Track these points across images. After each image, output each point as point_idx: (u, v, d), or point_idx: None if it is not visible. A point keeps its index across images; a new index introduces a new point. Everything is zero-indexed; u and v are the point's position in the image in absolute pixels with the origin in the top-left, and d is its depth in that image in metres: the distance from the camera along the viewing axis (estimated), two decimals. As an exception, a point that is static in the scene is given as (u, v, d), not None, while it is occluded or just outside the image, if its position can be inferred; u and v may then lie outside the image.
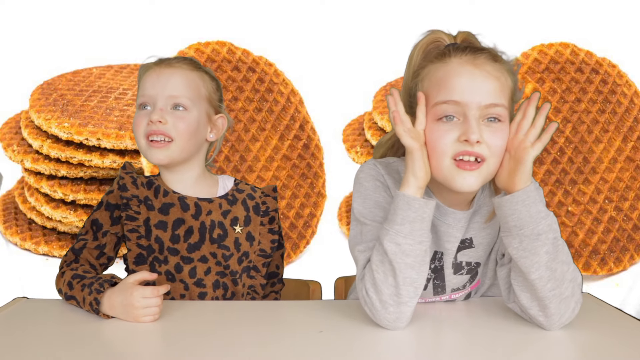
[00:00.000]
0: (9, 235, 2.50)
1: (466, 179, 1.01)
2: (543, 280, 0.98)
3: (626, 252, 2.46)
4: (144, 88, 1.23)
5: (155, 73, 1.23)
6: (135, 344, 0.98)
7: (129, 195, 1.22)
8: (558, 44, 2.53)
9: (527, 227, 0.97)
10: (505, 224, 1.00)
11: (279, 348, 0.95)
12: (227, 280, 1.24)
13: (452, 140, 1.00)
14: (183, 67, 1.24)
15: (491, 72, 1.02)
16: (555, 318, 1.00)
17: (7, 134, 2.57)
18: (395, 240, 0.98)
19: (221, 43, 2.47)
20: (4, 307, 1.15)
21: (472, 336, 1.02)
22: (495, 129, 1.01)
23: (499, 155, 1.02)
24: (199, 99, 1.24)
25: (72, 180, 2.41)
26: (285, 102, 2.49)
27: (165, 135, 1.20)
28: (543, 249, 0.97)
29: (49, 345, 0.97)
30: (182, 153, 1.22)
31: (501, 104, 1.01)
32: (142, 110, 1.22)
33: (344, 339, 0.99)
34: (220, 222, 1.24)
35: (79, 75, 2.68)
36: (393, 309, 1.00)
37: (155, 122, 1.19)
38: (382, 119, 2.63)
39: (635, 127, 2.54)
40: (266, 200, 1.30)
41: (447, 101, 1.01)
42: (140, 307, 1.06)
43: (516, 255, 0.99)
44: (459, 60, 1.03)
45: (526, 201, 0.97)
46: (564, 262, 0.99)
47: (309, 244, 2.50)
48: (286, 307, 1.21)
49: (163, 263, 1.22)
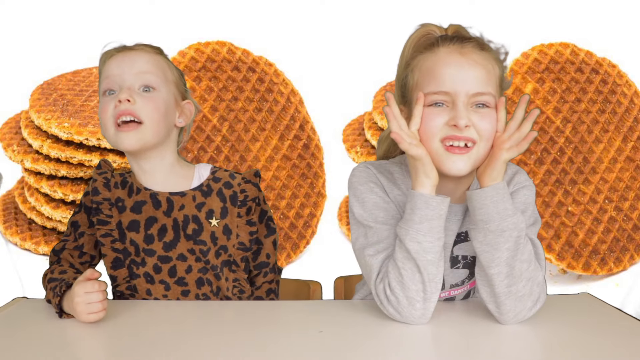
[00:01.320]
0: (9, 235, 2.50)
1: (455, 163, 1.03)
2: (501, 276, 1.01)
3: (626, 252, 2.46)
4: (108, 70, 1.17)
5: (120, 55, 1.18)
6: (135, 344, 0.98)
7: (99, 199, 1.19)
8: (558, 44, 2.53)
9: (493, 223, 1.00)
10: (473, 217, 1.03)
11: (279, 348, 0.95)
12: (210, 276, 1.20)
13: (441, 123, 1.03)
14: (147, 49, 1.20)
15: (478, 60, 1.05)
16: (510, 315, 1.03)
17: (7, 134, 2.57)
18: (417, 239, 1.01)
19: (221, 43, 2.47)
20: (4, 307, 1.15)
21: (471, 336, 1.02)
22: (483, 114, 1.04)
23: (489, 138, 1.04)
24: (166, 81, 1.19)
25: (72, 180, 2.41)
26: (285, 102, 2.49)
27: (134, 116, 1.13)
28: (505, 246, 1.00)
29: (49, 345, 0.97)
30: (154, 137, 1.15)
31: (488, 92, 1.04)
32: (108, 96, 1.16)
33: (344, 339, 0.99)
34: (195, 215, 1.19)
35: (79, 75, 2.68)
36: (420, 305, 1.02)
37: (124, 100, 1.12)
38: (382, 119, 2.63)
39: (635, 127, 2.54)
40: (245, 187, 1.22)
41: (437, 92, 1.04)
42: (82, 302, 1.02)
43: (479, 249, 1.02)
44: (446, 49, 1.06)
45: (494, 197, 1.01)
46: (523, 260, 1.02)
47: (309, 244, 2.50)
48: (286, 307, 1.21)
49: (141, 265, 1.19)
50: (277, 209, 2.41)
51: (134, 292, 1.20)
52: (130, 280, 1.20)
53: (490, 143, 1.05)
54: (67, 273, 1.15)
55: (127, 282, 1.20)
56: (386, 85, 2.82)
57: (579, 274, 2.44)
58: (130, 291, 1.20)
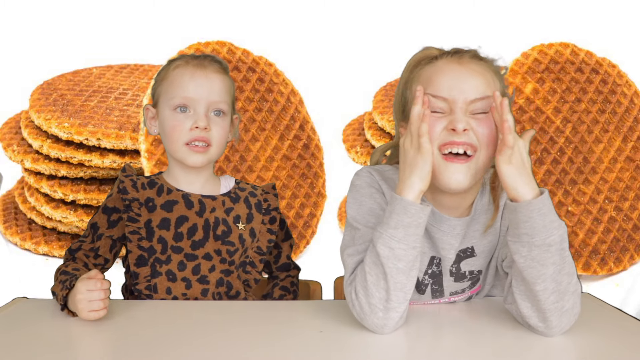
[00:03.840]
0: (9, 235, 2.50)
1: (454, 175, 1.01)
2: (547, 292, 0.96)
3: (626, 252, 2.46)
4: (183, 89, 1.22)
5: (197, 75, 1.23)
6: (135, 344, 0.98)
7: (129, 197, 1.23)
8: (558, 44, 2.52)
9: (539, 236, 0.94)
10: (515, 230, 0.97)
11: (279, 348, 0.95)
12: (230, 278, 1.25)
13: (440, 129, 1.02)
14: (220, 71, 1.26)
15: (476, 69, 1.04)
16: (557, 330, 0.99)
17: (7, 134, 2.57)
18: (389, 244, 0.97)
19: (221, 43, 2.47)
20: (4, 307, 1.15)
21: (472, 336, 1.02)
22: (481, 120, 1.02)
23: (488, 144, 1.02)
24: (231, 104, 1.27)
25: (72, 180, 2.41)
26: (285, 102, 2.49)
27: (207, 142, 1.22)
28: (551, 260, 0.95)
29: (49, 345, 0.97)
30: (217, 156, 1.26)
31: (487, 96, 1.03)
32: (182, 113, 1.22)
33: (344, 339, 0.99)
34: (224, 219, 1.26)
35: (79, 75, 2.68)
36: (382, 313, 0.99)
37: (202, 129, 1.21)
38: (382, 119, 2.63)
39: (635, 127, 2.54)
40: (267, 197, 1.32)
41: (435, 96, 1.03)
42: (84, 299, 1.04)
43: (523, 264, 0.96)
44: (445, 60, 1.06)
45: (542, 209, 0.94)
46: (568, 273, 0.97)
47: (309, 244, 2.50)
48: (286, 307, 1.21)
49: (164, 263, 1.22)
50: (277, 209, 2.41)
51: (152, 292, 1.22)
52: (151, 279, 1.22)
53: (490, 151, 1.02)
54: (79, 271, 1.17)
55: (148, 281, 1.22)
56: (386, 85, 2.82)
57: (579, 274, 2.44)
58: (148, 291, 1.22)
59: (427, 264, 1.12)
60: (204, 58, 1.27)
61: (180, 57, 1.27)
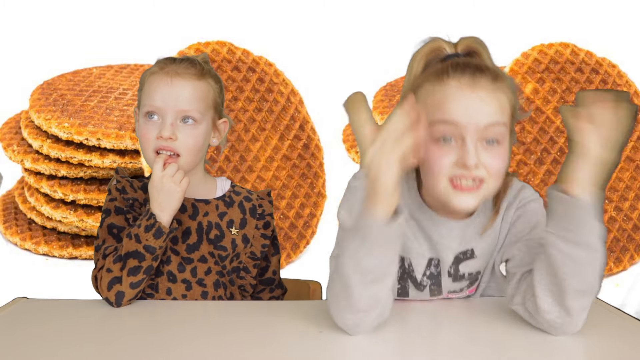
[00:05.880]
0: (9, 235, 2.50)
1: (463, 200, 0.99)
2: (579, 293, 0.96)
3: (626, 252, 2.46)
4: (151, 97, 1.21)
5: (164, 82, 1.20)
6: (135, 344, 0.98)
7: (130, 197, 1.23)
8: (558, 44, 2.52)
9: (582, 235, 0.92)
10: (557, 222, 0.94)
11: (279, 348, 0.95)
12: (225, 280, 1.25)
13: (450, 162, 0.98)
14: (192, 77, 1.21)
15: (490, 93, 0.99)
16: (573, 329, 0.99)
17: (7, 134, 2.57)
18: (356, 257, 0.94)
19: (221, 43, 2.47)
20: (4, 307, 1.15)
21: (471, 335, 1.02)
22: (494, 153, 0.99)
23: (499, 176, 1.00)
24: (207, 110, 1.23)
25: (72, 180, 2.41)
26: (285, 102, 2.49)
27: (173, 151, 1.19)
28: (590, 257, 0.94)
29: (49, 345, 0.97)
30: (189, 166, 1.22)
31: (501, 122, 0.99)
32: (150, 120, 1.21)
33: (344, 339, 0.99)
34: (217, 223, 1.25)
35: (79, 75, 2.68)
36: (350, 315, 0.97)
37: (166, 138, 1.18)
38: (382, 119, 2.63)
39: (635, 127, 2.54)
40: (262, 203, 1.31)
41: (445, 120, 0.98)
42: (167, 175, 1.14)
43: (559, 260, 0.94)
44: (457, 83, 0.99)
45: (597, 209, 0.92)
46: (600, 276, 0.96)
47: (309, 244, 2.50)
48: (286, 307, 1.21)
49: (165, 263, 1.22)
50: (277, 209, 2.40)
51: (154, 290, 1.22)
52: (154, 277, 1.22)
53: (500, 180, 1.00)
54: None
55: (151, 279, 1.22)
56: (386, 86, 2.83)
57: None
58: (150, 290, 1.22)
59: (425, 265, 1.12)
60: (180, 62, 1.23)
61: (158, 62, 1.24)
